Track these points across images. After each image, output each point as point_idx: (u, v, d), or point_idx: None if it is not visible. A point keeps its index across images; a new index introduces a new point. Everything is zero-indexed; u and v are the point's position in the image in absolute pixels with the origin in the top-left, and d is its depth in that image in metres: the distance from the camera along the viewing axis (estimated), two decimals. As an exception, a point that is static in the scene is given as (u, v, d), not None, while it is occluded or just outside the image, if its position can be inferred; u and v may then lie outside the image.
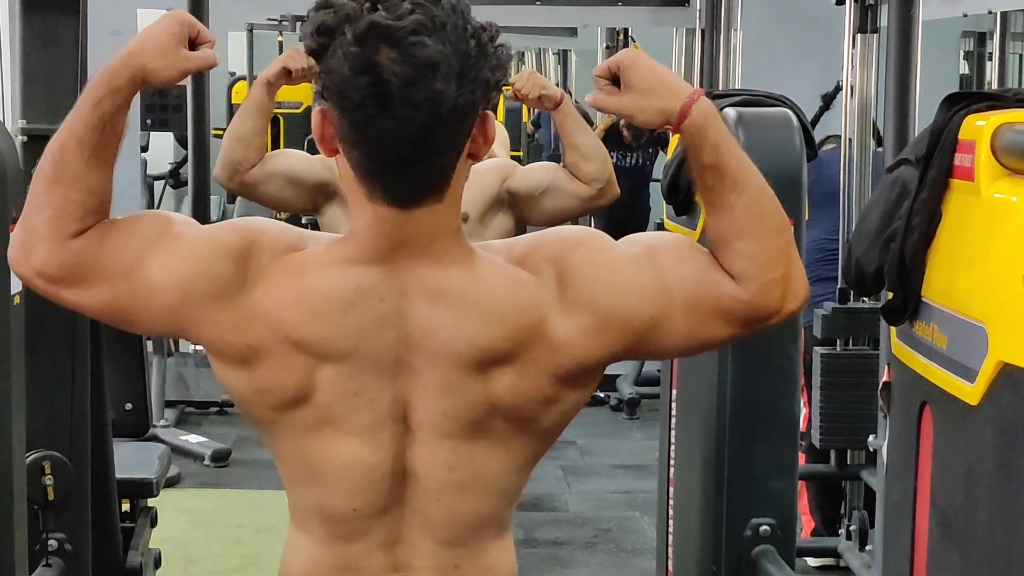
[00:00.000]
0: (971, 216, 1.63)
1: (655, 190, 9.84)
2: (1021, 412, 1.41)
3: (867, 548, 4.38)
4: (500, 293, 1.71)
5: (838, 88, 4.93)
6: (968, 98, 1.74)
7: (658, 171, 9.74)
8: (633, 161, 9.69)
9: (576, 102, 12.36)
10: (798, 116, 3.21)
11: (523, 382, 1.70)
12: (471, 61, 1.61)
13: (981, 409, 1.50)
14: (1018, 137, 1.57)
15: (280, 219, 3.49)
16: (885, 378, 1.97)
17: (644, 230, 9.78)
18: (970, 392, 1.52)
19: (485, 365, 1.70)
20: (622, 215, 9.87)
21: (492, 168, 3.69)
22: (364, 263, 1.70)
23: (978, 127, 1.65)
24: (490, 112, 1.72)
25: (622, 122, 9.79)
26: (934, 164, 1.71)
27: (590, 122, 10.58)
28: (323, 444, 1.73)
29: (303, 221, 5.73)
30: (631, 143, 9.62)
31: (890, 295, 1.76)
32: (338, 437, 1.72)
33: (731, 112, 3.16)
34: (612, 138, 9.79)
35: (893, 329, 1.83)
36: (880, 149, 4.46)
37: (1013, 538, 1.40)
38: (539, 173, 3.75)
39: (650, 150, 9.72)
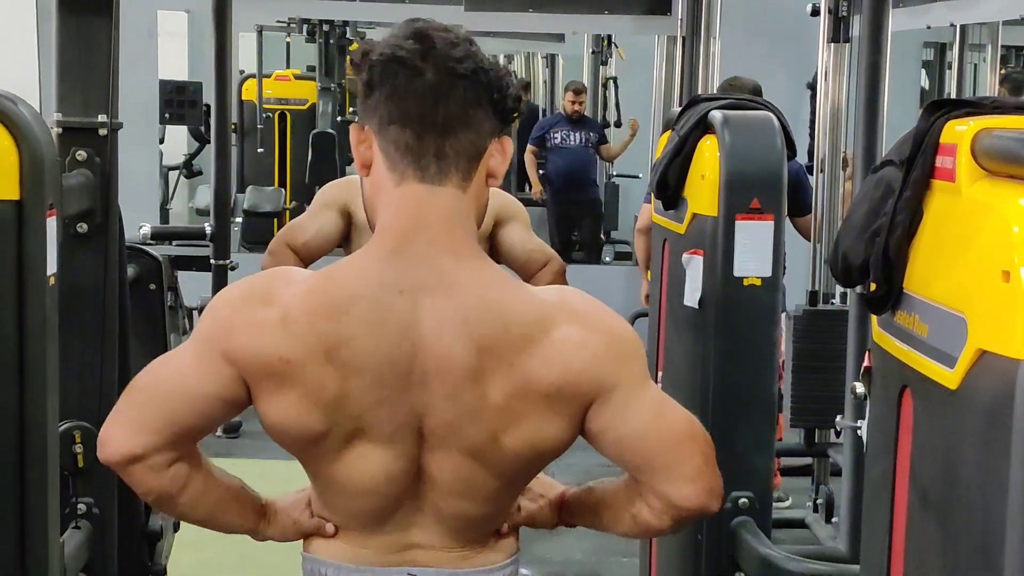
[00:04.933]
0: (952, 214, 1.64)
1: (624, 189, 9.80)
2: (997, 395, 1.42)
3: (833, 520, 4.40)
4: (509, 295, 1.70)
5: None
6: (948, 105, 1.75)
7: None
8: (578, 140, 9.41)
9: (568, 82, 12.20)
10: (779, 119, 3.23)
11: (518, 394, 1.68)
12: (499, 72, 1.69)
13: (960, 393, 1.51)
14: (996, 141, 1.58)
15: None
16: (866, 363, 1.98)
17: (599, 225, 9.70)
18: (950, 377, 1.53)
19: (483, 371, 1.66)
20: (573, 210, 9.66)
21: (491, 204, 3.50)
22: (387, 257, 1.68)
23: (959, 131, 1.66)
24: (508, 136, 1.75)
25: (566, 96, 9.61)
26: (917, 165, 1.71)
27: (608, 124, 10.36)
28: (353, 459, 1.73)
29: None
30: (573, 115, 9.36)
31: (873, 286, 1.77)
32: (365, 450, 1.72)
33: (717, 115, 3.17)
34: (562, 119, 9.61)
35: (875, 318, 1.84)
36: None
37: (988, 508, 1.41)
38: (527, 246, 3.60)
39: (591, 133, 9.47)
